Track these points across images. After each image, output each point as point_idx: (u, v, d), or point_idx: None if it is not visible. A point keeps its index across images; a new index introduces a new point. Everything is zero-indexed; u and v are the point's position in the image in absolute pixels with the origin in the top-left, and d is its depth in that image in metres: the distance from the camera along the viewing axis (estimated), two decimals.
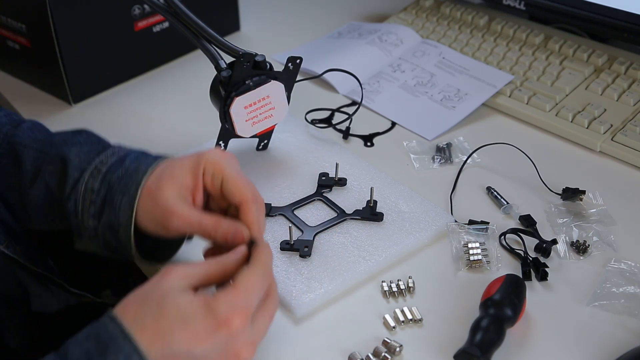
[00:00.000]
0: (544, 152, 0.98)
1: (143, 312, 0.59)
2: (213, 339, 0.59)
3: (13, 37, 1.12)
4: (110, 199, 0.72)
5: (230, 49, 0.87)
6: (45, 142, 0.80)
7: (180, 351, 0.59)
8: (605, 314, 0.75)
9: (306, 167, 0.95)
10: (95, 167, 0.74)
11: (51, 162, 0.77)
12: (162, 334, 0.59)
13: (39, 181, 0.77)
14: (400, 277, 0.79)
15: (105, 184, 0.73)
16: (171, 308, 0.59)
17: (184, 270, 0.62)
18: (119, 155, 0.76)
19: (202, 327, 0.59)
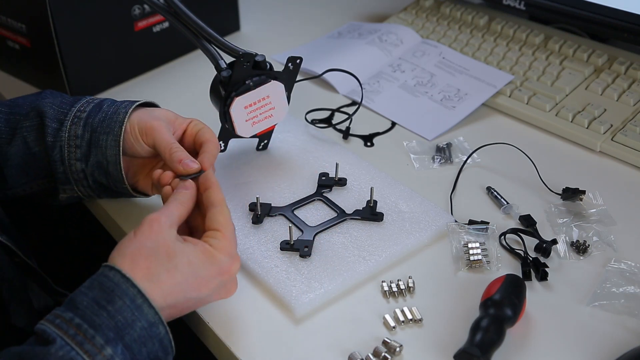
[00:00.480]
0: (544, 152, 0.98)
1: (157, 267, 0.67)
2: (216, 282, 0.70)
3: (13, 37, 1.12)
4: (95, 140, 0.82)
5: (230, 49, 0.87)
6: (11, 105, 0.88)
7: (191, 297, 0.69)
8: (605, 314, 0.75)
9: (306, 167, 0.95)
10: (75, 115, 0.84)
11: (27, 118, 0.85)
12: (177, 286, 0.67)
13: (17, 138, 0.85)
14: (400, 277, 0.79)
15: (88, 128, 0.83)
16: (183, 261, 0.68)
17: (167, 219, 0.70)
18: (95, 102, 0.86)
19: (208, 275, 0.69)
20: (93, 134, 0.82)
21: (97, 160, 0.83)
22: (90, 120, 0.83)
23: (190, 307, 0.71)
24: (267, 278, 0.79)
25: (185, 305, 0.69)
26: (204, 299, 0.71)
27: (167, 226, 0.69)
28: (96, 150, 0.82)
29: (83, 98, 0.87)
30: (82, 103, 0.85)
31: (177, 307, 0.68)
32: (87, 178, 0.84)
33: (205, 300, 0.72)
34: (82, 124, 0.83)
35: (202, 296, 0.70)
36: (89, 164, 0.83)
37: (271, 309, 0.77)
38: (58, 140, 0.83)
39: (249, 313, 0.77)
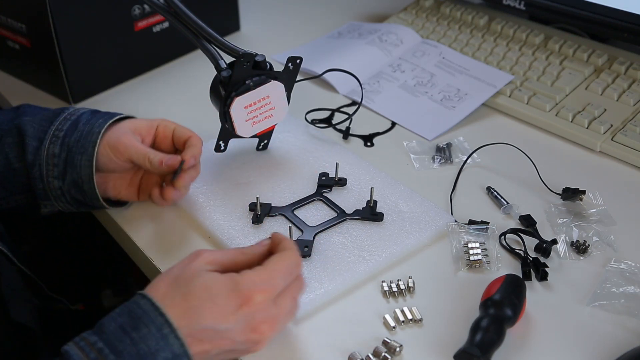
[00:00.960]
0: (544, 152, 0.98)
1: (173, 291, 0.64)
2: (236, 315, 0.64)
3: (13, 37, 1.12)
4: (71, 160, 0.84)
5: (230, 49, 0.87)
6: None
7: (207, 327, 0.63)
8: (605, 314, 0.75)
9: (306, 167, 0.95)
10: (53, 134, 0.85)
11: (9, 135, 0.86)
12: (191, 311, 0.63)
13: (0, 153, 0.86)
14: (400, 277, 0.79)
15: (64, 148, 0.84)
16: (200, 285, 0.64)
17: (211, 255, 0.67)
18: (72, 119, 0.87)
19: (227, 304, 0.64)
20: (69, 153, 0.84)
21: (73, 179, 0.84)
22: (67, 140, 0.85)
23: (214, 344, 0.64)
24: None
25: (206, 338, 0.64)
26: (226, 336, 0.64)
27: (204, 261, 0.66)
28: (71, 169, 0.84)
29: (62, 113, 0.88)
30: (60, 120, 0.87)
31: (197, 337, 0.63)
32: (65, 195, 0.86)
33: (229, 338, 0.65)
34: (60, 143, 0.85)
35: (222, 329, 0.64)
36: (65, 182, 0.85)
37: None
38: (37, 159, 0.85)
39: None
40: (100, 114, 0.88)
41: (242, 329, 0.65)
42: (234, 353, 0.67)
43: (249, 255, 0.69)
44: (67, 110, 0.88)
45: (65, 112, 0.88)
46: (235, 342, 0.65)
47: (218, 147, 0.92)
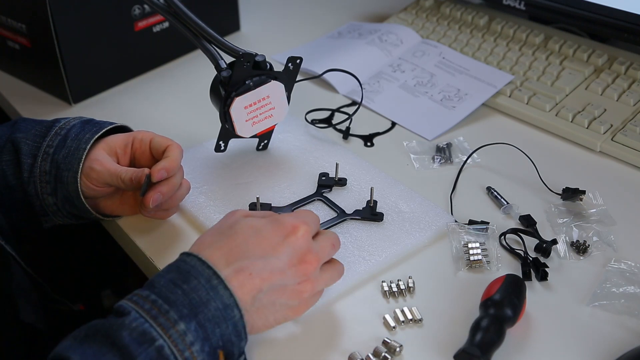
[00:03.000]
0: (544, 152, 0.98)
1: (219, 237, 0.68)
2: (283, 244, 0.67)
3: (13, 37, 1.12)
4: (59, 177, 0.84)
5: (230, 49, 0.87)
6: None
7: (256, 258, 0.66)
8: (605, 314, 0.75)
9: (306, 167, 0.95)
10: (44, 152, 0.85)
11: (5, 152, 0.86)
12: (238, 247, 0.66)
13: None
14: (400, 277, 0.79)
15: (54, 165, 0.84)
16: (243, 226, 0.68)
17: (247, 212, 0.72)
18: (62, 134, 0.86)
19: (273, 235, 0.68)
20: (58, 170, 0.84)
21: (64, 195, 0.84)
22: (56, 157, 0.84)
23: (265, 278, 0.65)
24: None
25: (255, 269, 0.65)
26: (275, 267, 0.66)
27: (242, 214, 0.71)
28: (61, 185, 0.84)
29: (54, 126, 0.87)
30: (51, 136, 0.86)
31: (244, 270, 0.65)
32: (61, 210, 0.86)
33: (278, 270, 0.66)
34: (50, 160, 0.84)
35: (271, 259, 0.66)
36: (58, 198, 0.85)
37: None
38: (32, 177, 0.85)
39: None
40: (90, 124, 0.86)
41: (290, 259, 0.67)
42: (287, 292, 0.68)
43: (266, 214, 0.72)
44: (59, 124, 0.87)
45: (57, 126, 0.87)
46: (285, 275, 0.67)
47: (218, 147, 0.92)
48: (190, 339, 0.61)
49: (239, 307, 0.64)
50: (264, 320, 0.68)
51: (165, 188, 0.81)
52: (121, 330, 0.60)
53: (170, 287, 0.63)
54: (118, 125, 0.88)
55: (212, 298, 0.63)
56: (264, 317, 0.68)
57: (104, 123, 0.87)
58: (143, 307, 0.62)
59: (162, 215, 0.86)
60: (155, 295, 0.63)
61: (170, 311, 0.62)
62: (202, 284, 0.64)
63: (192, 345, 0.61)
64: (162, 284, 0.64)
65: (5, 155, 0.86)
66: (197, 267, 0.65)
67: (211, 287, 0.64)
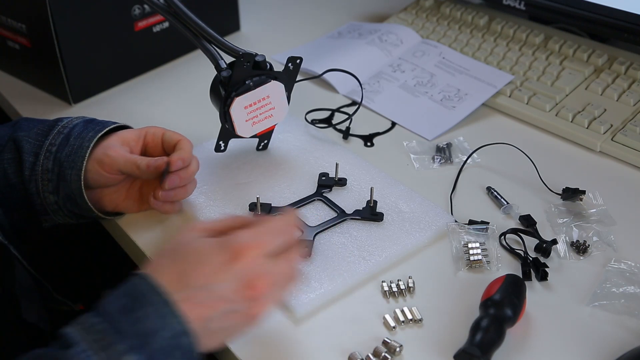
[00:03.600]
0: (544, 152, 0.98)
1: (165, 261, 0.65)
2: (229, 271, 0.63)
3: (13, 37, 1.12)
4: (62, 175, 0.84)
5: (230, 49, 0.87)
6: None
7: (200, 286, 0.62)
8: (605, 314, 0.75)
9: (306, 167, 0.95)
10: (47, 149, 0.85)
11: (7, 150, 0.86)
12: (182, 274, 0.63)
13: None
14: (400, 277, 0.79)
15: (57, 163, 0.84)
16: (188, 250, 0.64)
17: (203, 225, 0.68)
18: (65, 133, 0.86)
19: (217, 261, 0.63)
20: (60, 168, 0.84)
21: (66, 193, 0.84)
22: (59, 155, 0.84)
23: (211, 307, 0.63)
24: None
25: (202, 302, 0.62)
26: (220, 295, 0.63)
27: (195, 230, 0.67)
28: (64, 184, 0.84)
29: (56, 125, 0.87)
30: (54, 134, 0.86)
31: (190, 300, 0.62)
32: (62, 209, 0.86)
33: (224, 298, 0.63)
34: (52, 158, 0.84)
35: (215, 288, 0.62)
36: (60, 196, 0.85)
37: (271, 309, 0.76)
38: (33, 175, 0.85)
39: None
40: (93, 124, 0.87)
41: (236, 285, 0.63)
42: (236, 317, 0.64)
43: (244, 221, 0.68)
44: (61, 122, 0.87)
45: (59, 125, 0.87)
46: (232, 301, 0.63)
47: (218, 147, 0.92)
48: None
49: (188, 334, 0.61)
50: (217, 341, 0.66)
51: (184, 173, 0.83)
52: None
53: (121, 314, 0.61)
54: (121, 124, 0.88)
55: (162, 327, 0.60)
56: (216, 340, 0.65)
57: (107, 122, 0.87)
58: (89, 339, 0.59)
59: (168, 209, 0.86)
60: (106, 322, 0.60)
61: (120, 342, 0.59)
62: (152, 312, 0.61)
63: None
64: (113, 310, 0.61)
65: (6, 154, 0.86)
66: (147, 294, 0.61)
67: (161, 315, 0.60)
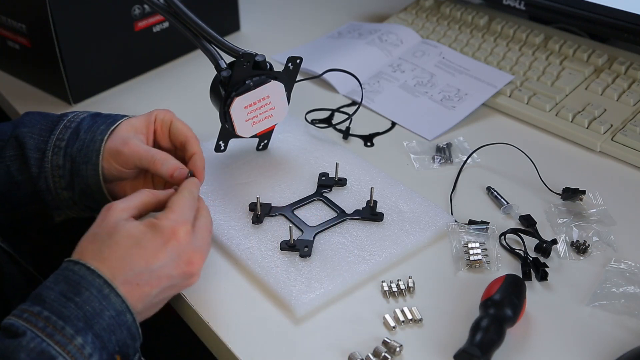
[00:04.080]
0: (544, 152, 0.98)
1: (99, 247, 0.67)
2: (165, 251, 0.68)
3: (13, 37, 1.12)
4: (76, 170, 0.82)
5: (230, 49, 0.87)
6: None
7: (141, 270, 0.67)
8: (605, 314, 0.75)
9: (306, 167, 0.95)
10: (55, 145, 0.83)
11: (9, 147, 0.84)
12: (120, 260, 0.67)
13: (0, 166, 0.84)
14: (400, 277, 0.79)
15: (68, 158, 0.82)
16: (123, 235, 0.68)
17: (122, 204, 0.71)
18: (72, 127, 0.84)
19: (153, 244, 0.68)
20: (73, 163, 0.82)
21: (81, 189, 0.83)
22: (69, 150, 0.83)
23: (152, 284, 0.68)
24: (267, 278, 0.79)
25: (142, 280, 0.67)
26: (162, 274, 0.69)
27: (119, 210, 0.70)
28: (78, 179, 0.82)
29: (62, 120, 0.85)
30: (60, 129, 0.84)
31: (132, 283, 0.67)
32: (77, 204, 0.85)
33: (165, 275, 0.69)
34: (62, 153, 0.83)
35: (156, 268, 0.68)
36: (75, 192, 0.84)
37: (271, 309, 0.77)
38: (42, 171, 0.83)
39: (249, 313, 0.77)
40: (101, 117, 0.85)
41: (176, 263, 0.69)
42: (174, 288, 0.72)
43: (157, 196, 0.74)
44: (66, 117, 0.86)
45: (65, 120, 0.85)
46: (172, 277, 0.69)
47: (218, 147, 0.92)
48: (89, 350, 0.62)
49: (131, 311, 0.66)
50: (155, 310, 0.72)
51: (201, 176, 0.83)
52: (18, 352, 0.60)
53: (62, 300, 0.63)
54: (129, 117, 0.87)
55: (105, 307, 0.64)
56: (155, 309, 0.71)
57: (116, 115, 0.86)
58: (37, 326, 0.62)
59: None
60: (47, 311, 0.63)
61: (65, 327, 0.62)
62: (94, 294, 0.64)
63: (91, 357, 0.63)
64: (52, 297, 0.64)
65: (8, 151, 0.84)
66: (86, 277, 0.65)
67: (103, 296, 0.64)
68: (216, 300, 0.78)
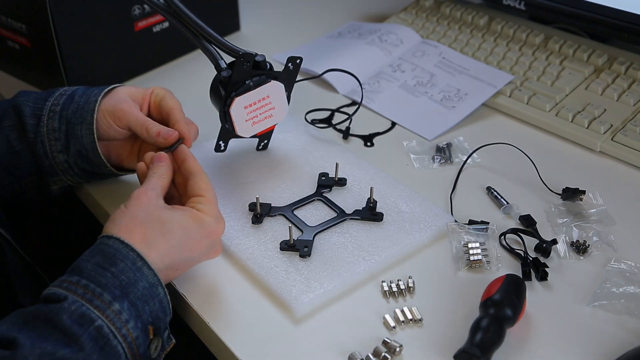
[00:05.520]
0: (544, 152, 0.98)
1: (152, 233, 0.71)
2: (206, 243, 0.76)
3: (13, 37, 1.12)
4: (72, 131, 0.85)
5: (230, 49, 0.87)
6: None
7: (185, 259, 0.74)
8: (605, 314, 0.75)
9: (306, 167, 0.95)
10: (50, 109, 0.86)
11: (6, 117, 0.87)
12: (173, 249, 0.72)
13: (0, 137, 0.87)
14: (400, 277, 0.79)
15: (63, 120, 0.85)
16: (175, 225, 0.73)
17: (153, 191, 0.75)
18: (67, 94, 0.88)
19: (199, 237, 0.75)
20: (69, 125, 0.85)
21: (77, 150, 0.86)
22: (65, 113, 0.86)
23: (185, 267, 0.76)
24: (267, 278, 0.79)
25: (181, 266, 0.75)
26: (195, 259, 0.77)
27: (155, 197, 0.74)
28: (74, 140, 0.85)
29: (56, 91, 0.89)
30: (55, 96, 0.88)
31: (174, 268, 0.73)
32: (72, 167, 0.87)
33: (196, 260, 0.77)
34: (58, 117, 0.86)
35: (195, 256, 0.76)
36: (70, 154, 0.86)
37: (271, 309, 0.77)
38: (39, 136, 0.86)
39: (249, 313, 0.77)
40: (95, 87, 0.89)
41: (208, 251, 0.77)
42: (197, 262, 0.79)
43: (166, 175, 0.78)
44: (61, 89, 0.89)
45: (59, 90, 0.89)
46: (198, 261, 0.78)
47: (218, 147, 0.92)
48: (125, 317, 0.66)
49: (162, 286, 0.70)
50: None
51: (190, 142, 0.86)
52: (61, 313, 0.63)
53: (99, 270, 0.67)
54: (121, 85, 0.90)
55: (139, 278, 0.68)
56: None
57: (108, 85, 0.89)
58: (76, 292, 0.65)
59: None
60: (85, 279, 0.66)
61: (103, 293, 0.65)
62: (129, 266, 0.68)
63: (128, 323, 0.66)
64: (89, 268, 0.67)
65: (6, 121, 0.87)
66: (121, 250, 0.69)
67: (137, 268, 0.68)
68: (216, 300, 0.78)
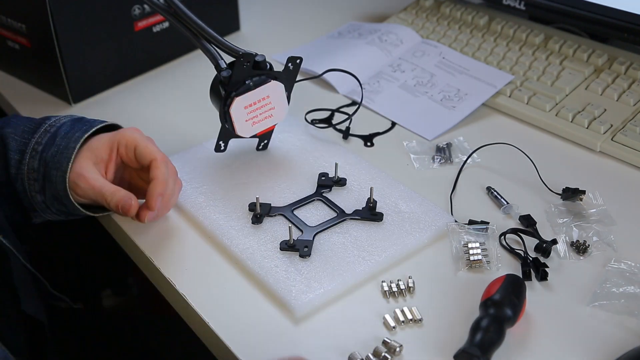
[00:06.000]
0: (544, 152, 0.98)
1: None
2: None
3: (13, 37, 1.12)
4: (48, 175, 0.83)
5: (230, 49, 0.87)
6: None
7: None
8: (605, 314, 0.75)
9: (306, 167, 0.95)
10: (33, 148, 0.84)
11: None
12: None
13: None
14: (400, 277, 0.79)
15: (42, 162, 0.84)
16: None
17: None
18: (51, 132, 0.85)
19: None
20: (46, 168, 0.83)
21: (52, 194, 0.84)
22: (45, 155, 0.83)
23: None
24: (267, 278, 0.79)
25: None
26: None
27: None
28: (49, 184, 0.83)
29: (44, 123, 0.87)
30: (40, 133, 0.85)
31: None
32: (50, 208, 0.86)
33: None
34: (38, 157, 0.84)
35: None
36: (46, 196, 0.85)
37: (271, 309, 0.77)
38: (20, 173, 0.84)
39: (249, 313, 0.77)
40: (81, 123, 0.86)
41: None
42: None
43: None
44: (49, 121, 0.87)
45: (47, 123, 0.86)
46: None
47: (218, 147, 0.92)
48: None
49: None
50: None
51: (162, 206, 0.83)
52: None
53: None
54: (109, 123, 0.88)
55: None
56: None
57: (95, 121, 0.86)
58: None
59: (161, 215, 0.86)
60: None
61: None
62: None
63: None
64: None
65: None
66: None
67: None
68: (216, 300, 0.78)
